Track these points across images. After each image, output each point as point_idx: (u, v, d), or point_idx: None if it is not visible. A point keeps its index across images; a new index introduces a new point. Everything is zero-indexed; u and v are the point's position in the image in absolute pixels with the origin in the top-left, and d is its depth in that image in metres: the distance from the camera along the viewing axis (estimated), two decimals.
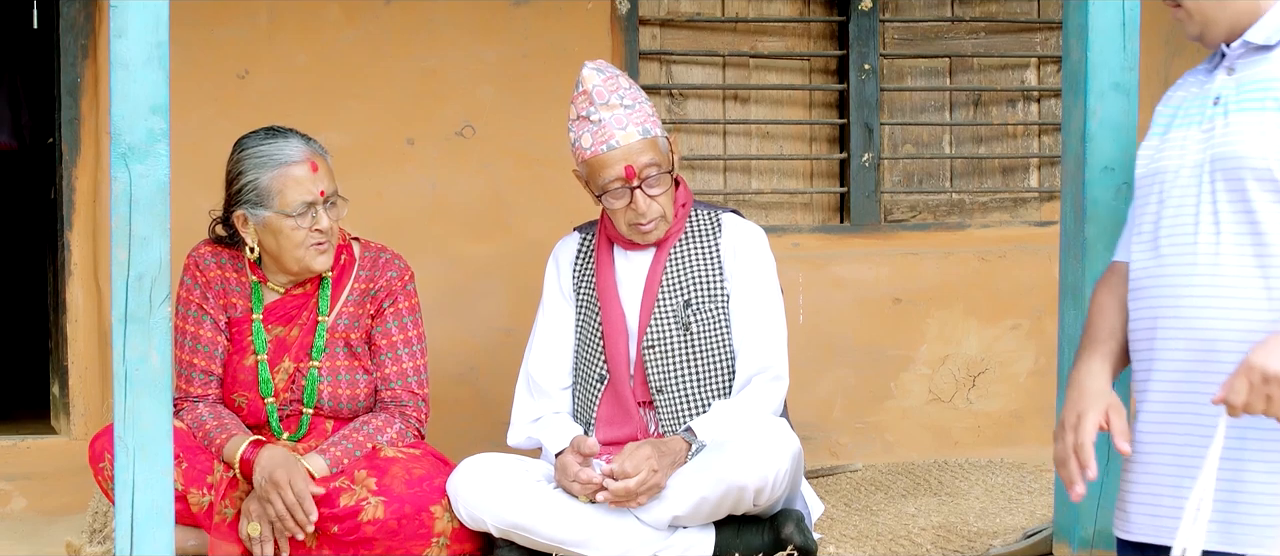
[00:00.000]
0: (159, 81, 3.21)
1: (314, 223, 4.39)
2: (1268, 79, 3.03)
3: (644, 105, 4.42)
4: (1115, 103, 3.51)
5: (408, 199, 5.62)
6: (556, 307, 4.62)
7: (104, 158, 5.41)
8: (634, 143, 4.37)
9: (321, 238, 4.41)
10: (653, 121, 4.42)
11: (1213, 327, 3.05)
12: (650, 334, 4.46)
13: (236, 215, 4.45)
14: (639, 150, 4.37)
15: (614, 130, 4.36)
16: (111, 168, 3.19)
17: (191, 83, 5.30)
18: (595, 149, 4.38)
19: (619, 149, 4.36)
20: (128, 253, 3.22)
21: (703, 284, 4.48)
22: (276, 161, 4.39)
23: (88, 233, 5.52)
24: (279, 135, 4.45)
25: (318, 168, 4.40)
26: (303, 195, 4.38)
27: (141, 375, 3.25)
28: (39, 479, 5.49)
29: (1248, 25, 3.11)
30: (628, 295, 4.53)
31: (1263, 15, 3.10)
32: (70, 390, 5.57)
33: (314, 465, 4.36)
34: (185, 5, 4.56)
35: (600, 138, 4.37)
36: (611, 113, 4.37)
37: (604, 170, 4.39)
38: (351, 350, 4.54)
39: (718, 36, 6.00)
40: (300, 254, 4.42)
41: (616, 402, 4.51)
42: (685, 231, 4.53)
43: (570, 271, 4.62)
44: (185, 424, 4.44)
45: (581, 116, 4.41)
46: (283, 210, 4.38)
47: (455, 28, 5.67)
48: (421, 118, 5.64)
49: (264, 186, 4.38)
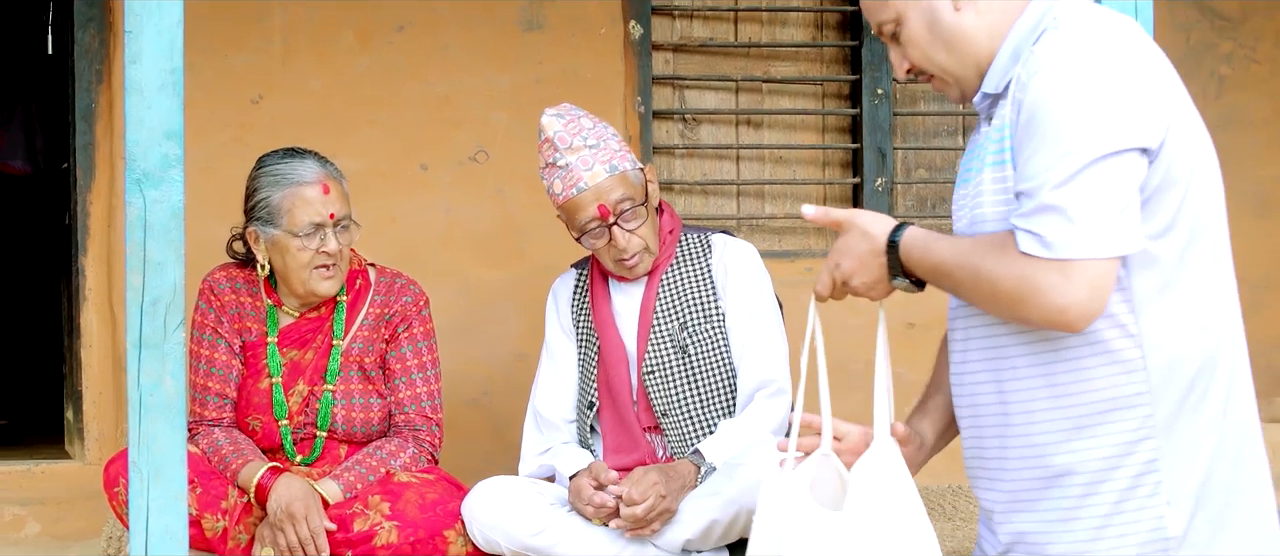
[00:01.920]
0: (174, 107, 3.21)
1: (321, 245, 4.39)
2: (995, 130, 2.91)
3: (609, 142, 4.42)
4: None
5: (421, 224, 5.63)
6: (558, 344, 4.64)
7: (118, 183, 5.42)
8: (602, 181, 4.37)
9: (328, 260, 4.41)
10: (620, 156, 4.41)
11: (978, 395, 3.00)
12: (649, 360, 4.47)
13: (249, 232, 4.46)
14: (609, 187, 4.37)
15: (581, 172, 4.37)
16: (126, 193, 3.19)
17: (206, 108, 5.32)
18: (566, 193, 4.39)
19: (589, 190, 4.37)
20: (142, 278, 3.22)
21: (697, 306, 4.49)
22: (289, 181, 4.40)
23: (102, 258, 5.53)
24: (296, 156, 4.46)
25: (329, 190, 4.41)
26: (311, 216, 4.38)
27: (156, 400, 3.24)
28: (53, 504, 5.50)
29: (988, 68, 2.98)
30: (625, 325, 4.54)
31: (994, 61, 2.97)
32: (84, 415, 5.57)
33: (328, 490, 4.36)
34: (200, 31, 4.58)
35: (569, 181, 4.37)
36: (577, 155, 4.38)
37: (578, 212, 4.40)
38: (366, 374, 4.54)
39: (731, 61, 6.00)
40: (305, 276, 4.42)
41: (623, 430, 4.51)
42: (676, 257, 4.54)
43: (568, 308, 4.64)
44: (200, 448, 4.44)
45: (549, 164, 4.42)
46: (290, 230, 4.38)
47: (468, 54, 5.68)
48: (435, 143, 5.65)
49: (275, 204, 4.39)
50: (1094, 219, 2.69)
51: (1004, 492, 2.96)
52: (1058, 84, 2.76)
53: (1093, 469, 2.84)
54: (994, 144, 2.90)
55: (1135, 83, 2.78)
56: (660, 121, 5.94)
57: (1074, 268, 2.69)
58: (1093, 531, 2.85)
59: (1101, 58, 2.78)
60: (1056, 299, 2.70)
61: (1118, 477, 2.83)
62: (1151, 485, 2.82)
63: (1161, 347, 2.82)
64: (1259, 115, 6.22)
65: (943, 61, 3.01)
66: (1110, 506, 2.84)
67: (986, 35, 2.96)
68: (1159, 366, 2.82)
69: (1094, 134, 2.71)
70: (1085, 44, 2.80)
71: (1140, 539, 2.83)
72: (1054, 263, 2.70)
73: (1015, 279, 2.74)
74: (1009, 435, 2.92)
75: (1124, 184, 2.72)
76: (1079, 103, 2.73)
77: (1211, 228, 2.91)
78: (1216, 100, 6.17)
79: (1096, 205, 2.69)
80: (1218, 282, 2.92)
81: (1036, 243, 2.70)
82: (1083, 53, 2.78)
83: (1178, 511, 2.83)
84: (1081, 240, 2.69)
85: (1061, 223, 2.69)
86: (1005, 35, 2.95)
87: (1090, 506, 2.85)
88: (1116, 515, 2.84)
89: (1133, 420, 2.82)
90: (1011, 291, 2.75)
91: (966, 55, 2.99)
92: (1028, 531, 2.92)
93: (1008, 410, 2.93)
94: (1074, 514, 2.86)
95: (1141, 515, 2.83)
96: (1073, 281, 2.69)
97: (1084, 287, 2.70)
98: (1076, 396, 2.85)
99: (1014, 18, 2.95)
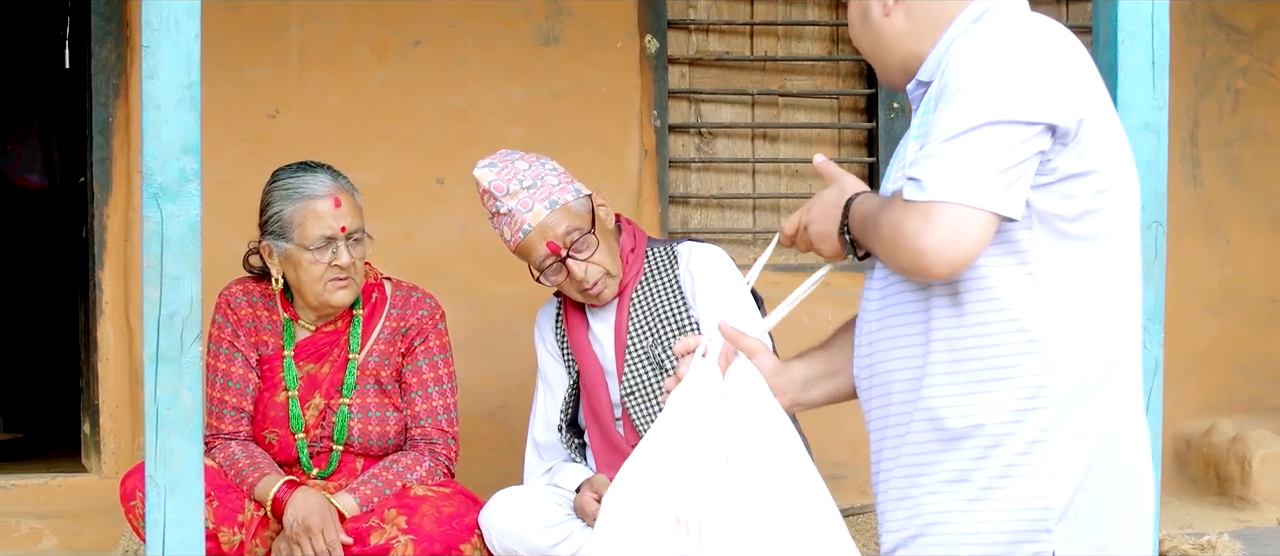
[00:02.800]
0: (191, 122, 3.22)
1: (333, 258, 4.40)
2: (920, 115, 2.94)
3: (546, 178, 4.43)
4: (1145, 142, 3.51)
5: (438, 238, 5.63)
6: (550, 370, 4.67)
7: (135, 197, 5.42)
8: (545, 218, 4.38)
9: (341, 273, 4.42)
10: (559, 190, 4.41)
11: (886, 369, 3.01)
12: (627, 381, 4.48)
13: (262, 246, 4.47)
14: (553, 223, 4.38)
15: (523, 215, 4.38)
16: (143, 207, 3.20)
17: (223, 122, 5.32)
18: (515, 238, 4.42)
19: (534, 230, 4.38)
20: (159, 292, 3.23)
21: (669, 319, 4.49)
22: (301, 194, 4.41)
23: (119, 271, 5.54)
24: (309, 170, 4.48)
25: (341, 203, 4.42)
26: (322, 229, 4.39)
27: (172, 414, 3.25)
28: (70, 517, 5.50)
29: (917, 67, 3.03)
30: (602, 348, 4.55)
31: (927, 55, 3.00)
32: (101, 428, 5.58)
33: (344, 504, 4.36)
34: (217, 46, 4.59)
35: (515, 226, 4.39)
36: (515, 199, 4.39)
37: (531, 253, 4.42)
38: (382, 388, 4.55)
39: (747, 75, 6.01)
40: (318, 288, 4.43)
41: (611, 449, 4.52)
42: (644, 273, 4.54)
43: (552, 335, 4.66)
44: (217, 462, 4.45)
45: (493, 213, 4.44)
46: (302, 243, 4.39)
47: (485, 68, 5.69)
48: (451, 157, 5.66)
49: (287, 218, 4.41)
50: (966, 169, 2.72)
51: (903, 468, 2.97)
52: (976, 59, 2.80)
53: (987, 431, 2.87)
54: (919, 126, 2.93)
55: (1050, 65, 2.82)
56: (676, 135, 5.95)
57: (935, 209, 2.72)
58: (978, 491, 2.88)
59: (1022, 40, 2.83)
60: (916, 240, 2.73)
61: (1011, 443, 2.86)
62: (1041, 454, 2.86)
63: (1064, 329, 2.86)
64: (1276, 129, 6.22)
65: (866, 49, 3.12)
66: (1001, 468, 2.86)
67: (915, 38, 3.02)
68: (1060, 346, 2.85)
69: (994, 101, 2.75)
70: (1010, 28, 2.86)
71: (1023, 504, 2.86)
72: (920, 205, 2.72)
73: (891, 224, 2.78)
74: (917, 399, 2.93)
75: (1014, 150, 2.75)
76: (989, 74, 2.78)
77: (1123, 231, 2.94)
78: (1232, 114, 6.17)
79: (974, 159, 2.73)
80: (1123, 284, 2.95)
81: (913, 187, 2.74)
82: (1005, 35, 2.84)
83: (1061, 484, 2.86)
84: (947, 184, 2.71)
85: (936, 168, 2.72)
86: (940, 34, 2.99)
87: (981, 469, 2.88)
88: (1004, 479, 2.87)
89: (1028, 389, 2.86)
90: (888, 237, 2.79)
91: (891, 53, 3.06)
92: (919, 497, 2.94)
93: (916, 373, 2.94)
94: (965, 476, 2.89)
95: (1025, 482, 2.86)
96: (932, 223, 2.72)
97: (944, 230, 2.71)
98: (977, 359, 2.88)
99: (948, 20, 2.99)
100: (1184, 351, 5.81)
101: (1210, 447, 5.95)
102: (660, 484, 2.92)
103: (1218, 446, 5.92)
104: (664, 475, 2.92)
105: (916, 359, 2.94)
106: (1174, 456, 5.99)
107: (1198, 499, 5.91)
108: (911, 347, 2.95)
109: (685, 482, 2.91)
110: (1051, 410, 2.86)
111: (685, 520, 2.90)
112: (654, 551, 2.91)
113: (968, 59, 2.82)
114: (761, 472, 2.94)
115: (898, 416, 2.99)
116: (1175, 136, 5.19)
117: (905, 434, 2.96)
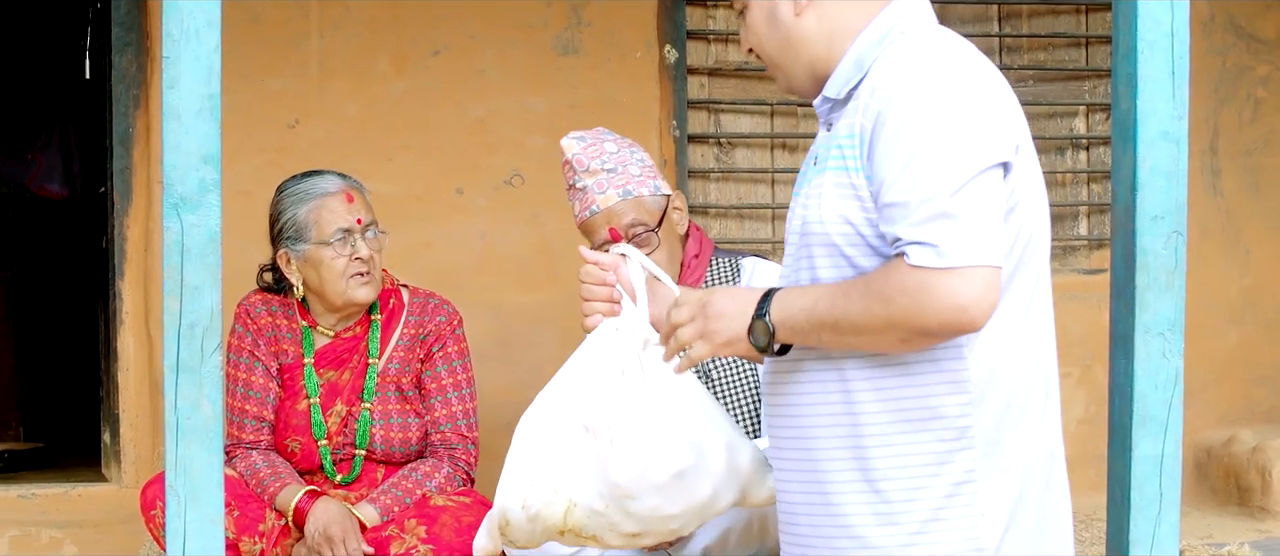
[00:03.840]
0: (211, 132, 3.22)
1: (353, 251, 4.43)
2: (840, 136, 2.92)
3: (630, 166, 4.41)
4: (1165, 151, 3.49)
5: (457, 248, 5.64)
6: None
7: (155, 207, 5.44)
8: (615, 204, 4.37)
9: (362, 267, 4.44)
10: (640, 181, 4.40)
11: (798, 404, 3.00)
12: None
13: (279, 255, 4.49)
14: (621, 211, 4.37)
15: (595, 196, 4.38)
16: (163, 217, 3.20)
17: (243, 132, 5.34)
18: (581, 215, 4.41)
19: (600, 213, 4.37)
20: (179, 302, 3.23)
21: None
22: (312, 195, 4.44)
23: (139, 281, 5.56)
24: (315, 174, 4.53)
25: (353, 198, 4.45)
26: (339, 222, 4.42)
27: (193, 424, 3.25)
28: (90, 527, 5.52)
29: (824, 73, 3.01)
30: None
31: (835, 68, 2.99)
32: (121, 438, 5.59)
33: (365, 514, 4.37)
34: (237, 56, 4.60)
35: (584, 204, 4.39)
36: (593, 179, 4.39)
37: (592, 234, 4.42)
38: (402, 394, 4.56)
39: (766, 85, 6.00)
40: (342, 285, 4.45)
41: None
42: (705, 281, 4.54)
43: None
44: (238, 471, 4.46)
45: (569, 186, 4.44)
46: (321, 240, 4.42)
47: (504, 78, 5.69)
48: (471, 167, 5.66)
49: (301, 220, 4.43)
50: (980, 229, 2.74)
51: (827, 515, 2.96)
52: (926, 96, 2.80)
53: (912, 474, 2.88)
54: (836, 149, 2.91)
55: (1000, 98, 2.86)
56: (695, 145, 5.95)
57: (968, 271, 2.73)
58: (909, 537, 2.88)
59: (963, 73, 2.84)
60: (957, 298, 2.73)
61: (936, 485, 2.87)
62: (968, 495, 2.87)
63: (984, 362, 2.87)
64: None
65: (774, 55, 3.07)
66: (929, 512, 2.87)
67: (825, 42, 3.00)
68: (980, 380, 2.86)
69: (975, 145, 2.77)
70: (944, 60, 2.86)
71: (955, 548, 2.87)
72: (949, 270, 2.72)
73: (909, 292, 2.75)
74: (839, 444, 2.93)
75: (999, 195, 2.80)
76: (953, 116, 2.78)
77: (1039, 253, 2.96)
78: (1252, 124, 6.16)
79: (981, 215, 2.75)
80: (1038, 306, 2.97)
81: (930, 252, 2.73)
82: (944, 68, 2.84)
83: (992, 523, 2.88)
84: (970, 248, 2.73)
85: (952, 231, 2.72)
86: (848, 45, 2.98)
87: (909, 512, 2.88)
88: (933, 523, 2.87)
89: (952, 431, 2.87)
90: (904, 306, 2.75)
91: (800, 55, 3.03)
92: (844, 533, 2.94)
93: (838, 417, 2.93)
94: (892, 519, 2.89)
95: (957, 525, 2.87)
96: (970, 281, 2.73)
97: (979, 285, 2.73)
98: (902, 401, 2.88)
99: (858, 28, 2.98)
100: (1204, 362, 5.80)
101: (1230, 458, 5.94)
102: (569, 399, 3.14)
103: (1238, 456, 5.90)
104: (571, 391, 3.14)
105: (835, 403, 2.92)
106: (1194, 467, 5.98)
107: (1218, 509, 5.90)
108: (828, 393, 2.93)
109: (589, 395, 3.11)
110: (977, 449, 2.87)
111: (592, 426, 3.08)
112: (567, 456, 3.10)
113: (912, 91, 2.81)
114: (651, 380, 3.10)
115: (820, 462, 2.96)
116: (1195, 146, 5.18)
117: (826, 479, 2.95)
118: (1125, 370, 3.42)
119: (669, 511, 3.12)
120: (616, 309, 3.24)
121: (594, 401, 3.10)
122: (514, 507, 3.17)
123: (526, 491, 3.16)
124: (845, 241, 2.89)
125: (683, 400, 3.13)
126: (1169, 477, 3.22)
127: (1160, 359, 3.25)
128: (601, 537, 3.20)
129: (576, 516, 3.15)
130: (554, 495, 3.14)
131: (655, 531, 3.19)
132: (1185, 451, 3.26)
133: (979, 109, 2.81)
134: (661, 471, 3.08)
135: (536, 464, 3.14)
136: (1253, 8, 6.13)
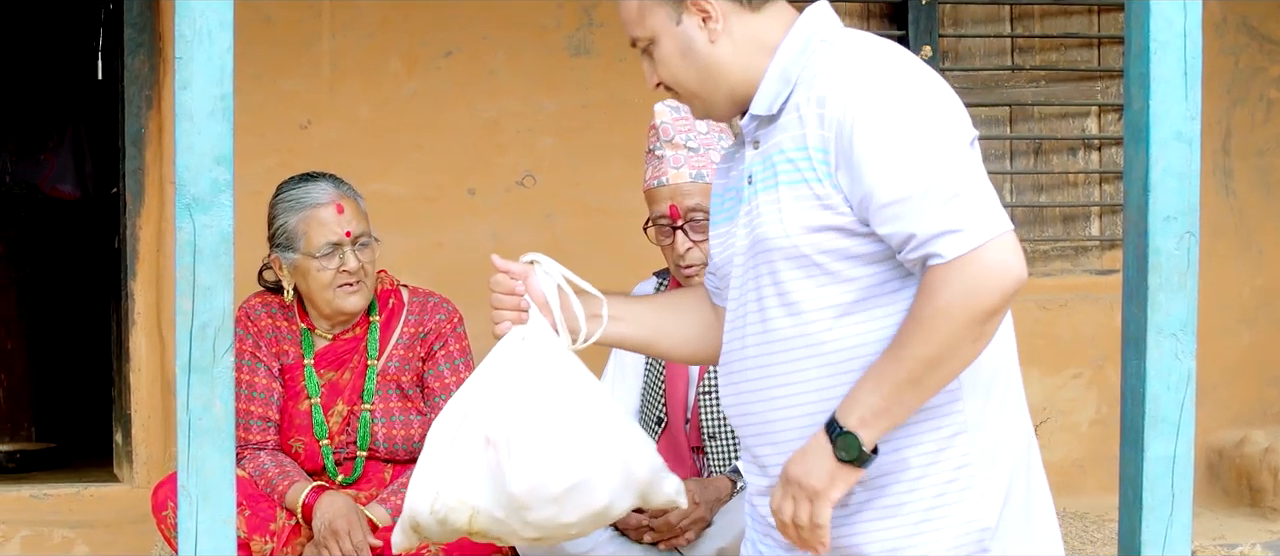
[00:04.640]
0: (223, 133, 3.23)
1: (341, 263, 4.43)
2: (777, 150, 2.92)
3: (712, 152, 4.37)
4: (1177, 152, 3.49)
5: (468, 249, 5.64)
6: (630, 356, 4.61)
7: (167, 207, 5.45)
8: (684, 183, 4.35)
9: (350, 278, 4.44)
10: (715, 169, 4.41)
11: (769, 418, 3.01)
12: (707, 379, 4.46)
13: (272, 259, 4.50)
14: (687, 192, 4.35)
15: (669, 168, 4.36)
16: (175, 218, 3.21)
17: (255, 133, 5.34)
18: (650, 181, 4.40)
19: (668, 186, 4.36)
20: (191, 302, 3.23)
21: None
22: (303, 204, 4.44)
23: (151, 282, 5.56)
24: (310, 179, 4.52)
25: (344, 209, 4.44)
26: (327, 236, 4.42)
27: (205, 424, 3.26)
28: (102, 527, 5.52)
29: (749, 97, 2.99)
30: None
31: (759, 85, 2.98)
32: (133, 438, 5.60)
33: (376, 515, 4.38)
34: (249, 57, 4.60)
35: (656, 172, 4.38)
36: (675, 151, 4.37)
37: (653, 203, 4.40)
38: (404, 393, 4.56)
39: None
40: (329, 295, 4.45)
41: (671, 447, 4.51)
42: None
43: None
44: (247, 472, 4.46)
45: (649, 150, 4.43)
46: (308, 252, 4.42)
47: (515, 79, 5.69)
48: (482, 168, 5.67)
49: (292, 229, 4.44)
50: (987, 195, 2.82)
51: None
52: (892, 94, 2.83)
53: (915, 465, 2.91)
54: (788, 163, 2.91)
55: (943, 84, 2.90)
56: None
57: (999, 239, 2.80)
58: (913, 526, 2.92)
59: (912, 67, 2.89)
60: (1006, 265, 2.80)
61: (936, 473, 2.91)
62: (966, 479, 2.91)
63: None
64: None
65: (694, 86, 3.05)
66: (931, 500, 2.91)
67: (742, 64, 3.00)
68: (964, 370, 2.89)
69: (950, 128, 2.83)
70: (889, 58, 2.89)
71: (958, 531, 2.91)
72: (988, 245, 2.78)
73: (965, 287, 2.78)
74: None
75: (981, 168, 2.88)
76: (923, 105, 2.82)
77: None
78: (1265, 124, 6.15)
79: (983, 184, 2.83)
80: None
81: (958, 238, 2.76)
82: (895, 65, 2.88)
83: (989, 502, 2.92)
84: (990, 216, 2.79)
85: (968, 206, 2.77)
86: (767, 61, 2.98)
87: (912, 502, 2.92)
88: (936, 509, 2.91)
89: (948, 417, 2.91)
90: (968, 299, 2.78)
91: (721, 83, 3.02)
92: (848, 534, 2.96)
93: (822, 415, 2.93)
94: (895, 512, 2.92)
95: (958, 508, 2.91)
96: (1004, 245, 2.80)
97: (1011, 244, 2.82)
98: None
99: (774, 43, 2.98)
100: (1216, 362, 5.80)
101: (1243, 458, 5.93)
102: (475, 407, 3.20)
103: (1250, 457, 5.90)
104: (477, 399, 3.21)
105: (833, 408, 2.90)
106: (1206, 467, 5.97)
107: (1230, 510, 5.89)
108: (824, 400, 2.92)
109: (492, 405, 3.18)
110: (969, 433, 2.91)
111: (493, 438, 3.15)
112: (470, 465, 3.17)
113: (874, 92, 2.83)
114: (553, 392, 3.18)
115: None
116: (1207, 147, 5.16)
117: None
118: (1137, 371, 3.42)
119: (565, 520, 3.17)
120: (525, 317, 3.31)
121: (495, 411, 3.17)
122: (423, 511, 3.24)
123: (434, 496, 3.23)
124: (816, 250, 2.89)
125: (582, 410, 3.19)
126: (1181, 478, 3.22)
127: (1172, 359, 3.25)
128: (506, 539, 3.28)
129: (480, 522, 3.22)
130: (459, 502, 3.20)
131: (555, 536, 3.26)
132: (1197, 452, 3.26)
133: (939, 95, 2.86)
134: (556, 484, 3.13)
135: (444, 470, 3.22)
136: (1265, 8, 6.12)
